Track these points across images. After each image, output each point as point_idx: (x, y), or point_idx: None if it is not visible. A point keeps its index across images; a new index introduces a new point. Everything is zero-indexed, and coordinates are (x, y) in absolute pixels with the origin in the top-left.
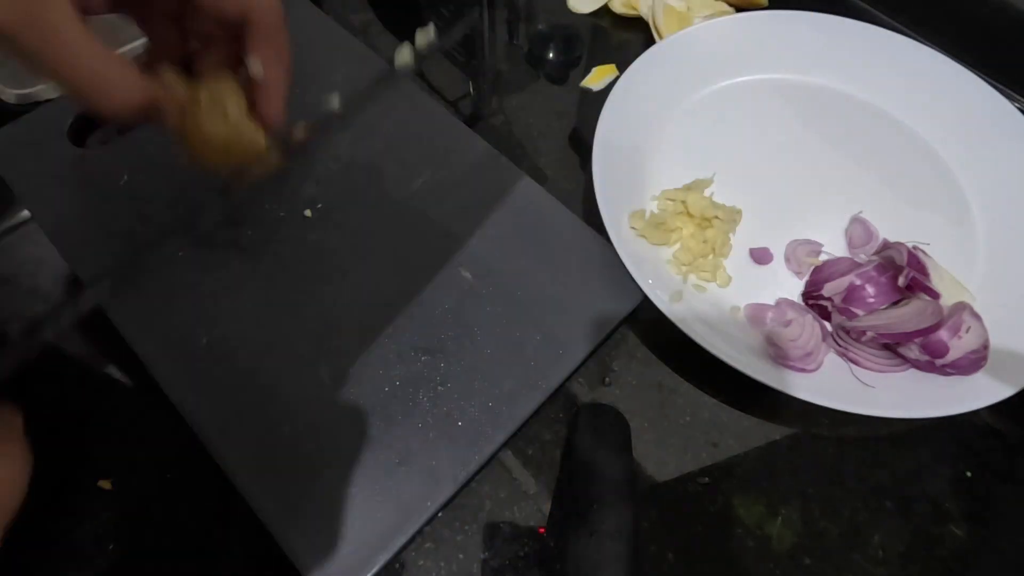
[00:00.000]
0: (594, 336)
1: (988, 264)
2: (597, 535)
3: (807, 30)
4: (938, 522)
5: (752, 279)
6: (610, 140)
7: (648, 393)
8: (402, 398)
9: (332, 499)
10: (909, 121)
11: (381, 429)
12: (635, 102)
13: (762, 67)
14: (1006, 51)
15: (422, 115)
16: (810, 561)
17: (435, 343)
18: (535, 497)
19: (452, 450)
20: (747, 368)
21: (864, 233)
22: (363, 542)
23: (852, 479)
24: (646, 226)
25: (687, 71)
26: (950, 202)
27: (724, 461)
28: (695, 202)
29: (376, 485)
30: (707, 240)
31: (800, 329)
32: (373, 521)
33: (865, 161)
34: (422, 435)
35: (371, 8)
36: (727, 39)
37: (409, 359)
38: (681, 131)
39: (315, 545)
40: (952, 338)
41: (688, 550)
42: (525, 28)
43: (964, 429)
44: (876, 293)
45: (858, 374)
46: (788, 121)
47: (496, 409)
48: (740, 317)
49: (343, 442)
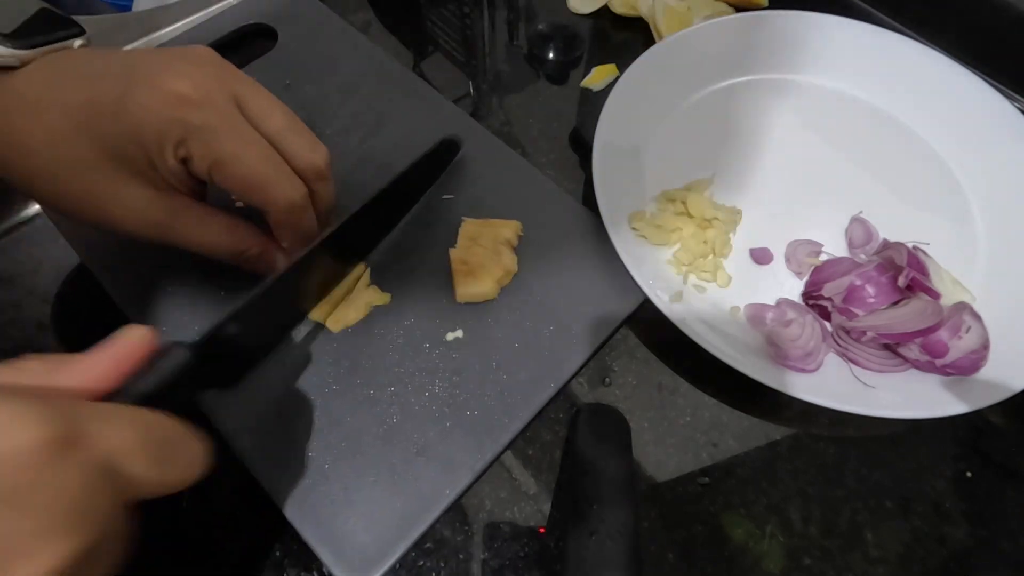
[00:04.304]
0: (607, 326)
1: (988, 264)
2: (597, 535)
3: (808, 30)
4: (938, 522)
5: (752, 279)
6: (610, 140)
7: (648, 393)
8: (418, 389)
9: (352, 490)
10: (910, 121)
11: (399, 420)
12: (635, 102)
13: (763, 67)
14: (1006, 51)
15: (429, 109)
16: (810, 561)
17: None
18: (535, 497)
19: (469, 439)
20: (747, 368)
21: (864, 233)
22: (383, 531)
23: (852, 479)
24: (646, 226)
25: (687, 71)
26: (950, 202)
27: (724, 461)
28: (695, 202)
29: (395, 475)
30: (707, 240)
31: (800, 329)
32: (392, 510)
33: (865, 161)
34: (439, 425)
35: (371, 8)
36: (728, 39)
37: (424, 350)
38: (681, 131)
39: (336, 536)
40: (952, 338)
41: (688, 550)
42: (525, 28)
43: (964, 429)
44: (876, 293)
45: (858, 374)
46: (788, 121)
47: (511, 399)
48: (740, 317)
49: (362, 433)
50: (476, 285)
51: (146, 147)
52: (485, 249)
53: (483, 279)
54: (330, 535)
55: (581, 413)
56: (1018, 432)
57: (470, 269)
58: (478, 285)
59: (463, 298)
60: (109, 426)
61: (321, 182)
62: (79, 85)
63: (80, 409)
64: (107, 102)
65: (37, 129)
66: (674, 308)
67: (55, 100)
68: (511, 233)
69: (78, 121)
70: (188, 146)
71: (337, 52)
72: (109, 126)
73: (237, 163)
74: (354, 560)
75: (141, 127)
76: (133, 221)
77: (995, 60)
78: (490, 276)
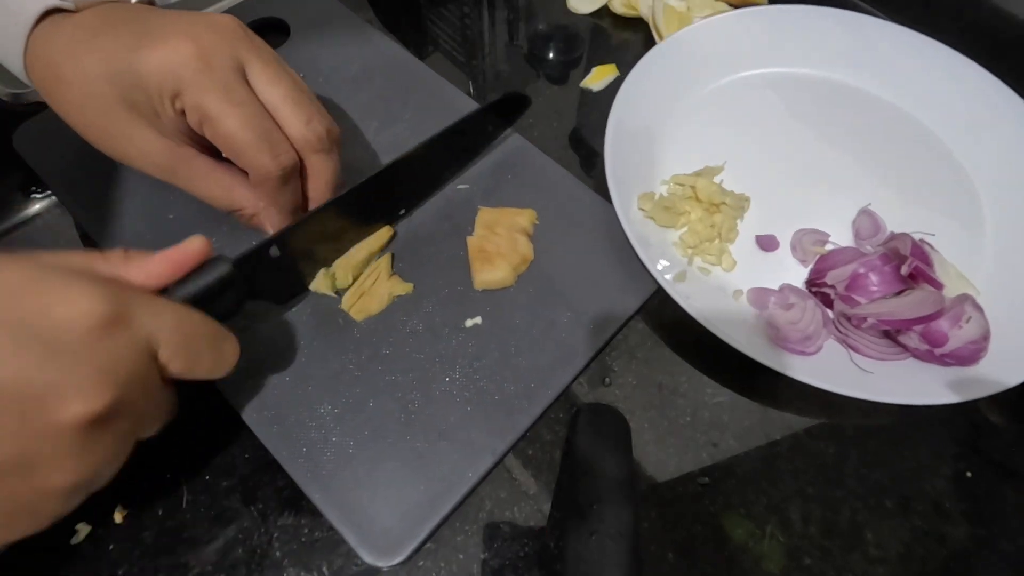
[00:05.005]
0: (621, 314)
1: (995, 261)
2: (597, 535)
3: (830, 26)
4: (938, 522)
5: (757, 265)
6: (624, 121)
7: (648, 393)
8: (439, 375)
9: (376, 473)
10: (926, 120)
11: (421, 405)
12: (653, 86)
13: (780, 61)
14: (1008, 53)
15: (442, 100)
16: (810, 561)
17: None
18: (535, 497)
19: (490, 423)
20: (746, 348)
21: (872, 225)
22: (407, 514)
23: (852, 479)
24: (655, 208)
25: (705, 61)
26: (960, 198)
27: (724, 461)
28: (704, 187)
29: (418, 459)
30: (714, 225)
31: (801, 313)
32: (416, 493)
33: (876, 155)
34: (460, 410)
35: (371, 8)
36: (748, 32)
37: (443, 337)
38: (694, 120)
39: (361, 518)
40: (952, 328)
41: (688, 550)
42: (525, 28)
43: (964, 428)
44: (879, 282)
45: (857, 361)
46: (802, 114)
47: (530, 383)
48: (743, 301)
49: (385, 419)
50: (493, 272)
51: (149, 95)
52: (502, 237)
53: (500, 266)
54: (355, 518)
55: (581, 413)
56: (1017, 432)
57: (487, 256)
58: (495, 272)
59: (481, 285)
60: (155, 314)
61: (316, 155)
62: (116, 33)
63: (136, 297)
64: (125, 52)
65: (76, 67)
66: (677, 287)
67: (95, 44)
68: (526, 222)
69: (106, 65)
70: (183, 98)
71: (349, 45)
72: (125, 73)
73: (219, 121)
74: (379, 542)
75: (145, 77)
76: (142, 161)
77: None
78: (507, 263)
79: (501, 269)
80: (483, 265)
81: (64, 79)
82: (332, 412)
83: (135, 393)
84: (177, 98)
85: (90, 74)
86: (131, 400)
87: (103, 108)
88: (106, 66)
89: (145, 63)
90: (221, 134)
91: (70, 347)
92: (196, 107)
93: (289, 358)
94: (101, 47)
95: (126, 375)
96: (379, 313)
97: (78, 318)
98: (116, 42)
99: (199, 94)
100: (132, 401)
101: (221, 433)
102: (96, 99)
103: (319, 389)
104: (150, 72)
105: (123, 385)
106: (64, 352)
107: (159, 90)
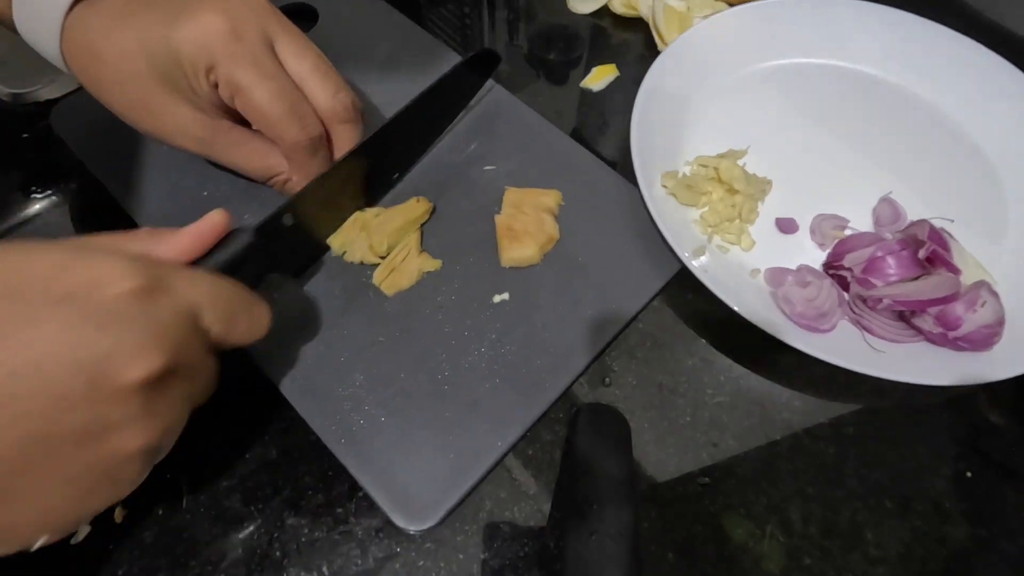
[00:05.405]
0: (644, 293)
1: (1016, 253)
2: (597, 535)
3: (859, 17)
4: (938, 522)
5: (776, 246)
6: (654, 97)
7: (648, 393)
8: (468, 348)
9: (407, 441)
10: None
11: (450, 375)
12: (686, 66)
13: (809, 52)
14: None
15: None
16: (810, 561)
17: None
18: (535, 497)
19: (518, 396)
20: (761, 322)
21: (892, 213)
22: (438, 481)
23: (852, 479)
24: (677, 185)
25: (735, 48)
26: (981, 187)
27: (724, 461)
28: (727, 169)
29: (448, 428)
30: (735, 205)
31: (818, 291)
32: (446, 461)
33: (899, 144)
34: (489, 382)
35: None
36: (780, 21)
37: (472, 312)
38: (721, 104)
39: (394, 485)
40: (967, 311)
41: (688, 550)
42: (525, 28)
43: (964, 429)
44: (896, 266)
45: (870, 341)
46: (828, 103)
47: (556, 358)
48: (760, 279)
49: (416, 390)
50: (521, 249)
51: (184, 70)
52: (528, 216)
53: (527, 243)
54: (387, 484)
55: (581, 413)
56: (1017, 432)
57: (515, 234)
58: (523, 249)
59: (508, 262)
60: (192, 283)
61: (342, 126)
62: (150, 10)
63: (168, 269)
64: (160, 28)
65: (112, 46)
66: (695, 262)
67: (130, 23)
68: (552, 202)
69: (142, 43)
70: (216, 72)
71: (376, 31)
72: (160, 49)
73: (250, 93)
74: (411, 508)
75: (180, 52)
76: (180, 135)
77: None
78: (534, 241)
79: (528, 247)
80: (511, 243)
81: (101, 58)
82: (364, 382)
83: (185, 356)
84: (211, 71)
85: (127, 52)
86: (183, 363)
87: (140, 85)
88: (142, 43)
89: (179, 39)
90: (252, 106)
91: (120, 316)
92: (228, 80)
93: (323, 331)
94: (136, 25)
95: (174, 339)
96: (409, 288)
97: (123, 289)
98: (150, 19)
99: (231, 67)
100: (184, 364)
101: (221, 433)
102: (133, 76)
103: (352, 360)
104: (184, 47)
105: (174, 348)
106: (115, 321)
107: (193, 64)
